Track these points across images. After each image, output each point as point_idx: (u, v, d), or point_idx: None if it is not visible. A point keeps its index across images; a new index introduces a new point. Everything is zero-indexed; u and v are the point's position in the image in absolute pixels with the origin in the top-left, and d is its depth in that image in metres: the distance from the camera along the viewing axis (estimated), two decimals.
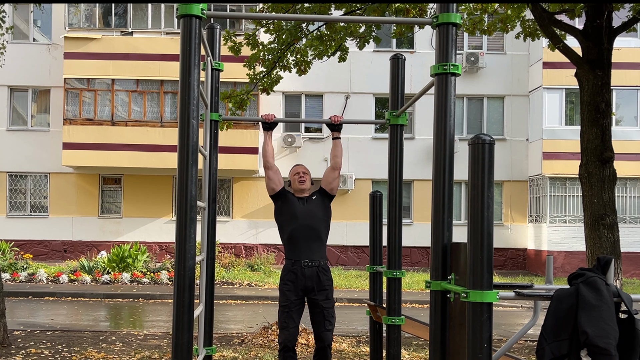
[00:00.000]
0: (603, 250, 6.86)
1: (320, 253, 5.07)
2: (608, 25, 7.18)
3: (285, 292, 5.02)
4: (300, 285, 4.99)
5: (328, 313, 5.03)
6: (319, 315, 5.03)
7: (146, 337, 8.74)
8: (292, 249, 5.06)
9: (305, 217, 5.04)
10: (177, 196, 3.10)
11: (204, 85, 4.18)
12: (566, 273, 16.12)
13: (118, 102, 18.54)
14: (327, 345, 5.03)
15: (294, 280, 5.00)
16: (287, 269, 5.06)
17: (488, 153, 2.60)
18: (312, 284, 4.99)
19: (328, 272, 5.11)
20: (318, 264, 5.03)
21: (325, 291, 5.04)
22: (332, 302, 5.10)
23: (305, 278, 4.98)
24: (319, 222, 5.08)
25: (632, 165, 18.17)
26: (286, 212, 5.12)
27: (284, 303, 5.01)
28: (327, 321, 5.02)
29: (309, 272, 4.99)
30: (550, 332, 2.75)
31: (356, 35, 8.91)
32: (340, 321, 10.77)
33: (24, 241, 19.22)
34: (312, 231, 5.04)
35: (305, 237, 5.02)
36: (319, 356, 5.08)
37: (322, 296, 5.02)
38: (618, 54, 12.13)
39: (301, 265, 4.99)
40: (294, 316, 4.99)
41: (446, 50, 3.15)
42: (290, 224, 5.06)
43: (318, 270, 5.02)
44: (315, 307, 5.04)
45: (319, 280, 5.01)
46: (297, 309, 5.02)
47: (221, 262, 17.51)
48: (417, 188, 19.51)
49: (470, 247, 2.60)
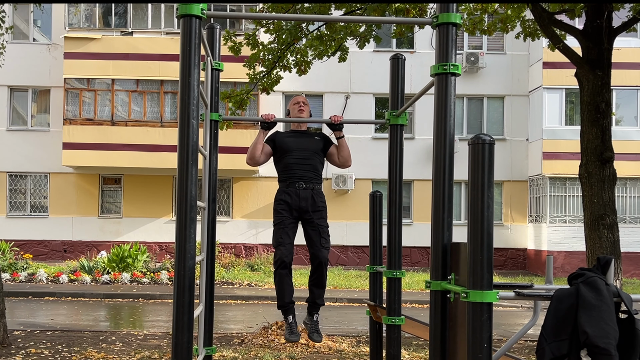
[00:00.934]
0: (603, 250, 6.86)
1: (316, 179, 5.06)
2: (608, 25, 7.18)
3: (280, 211, 4.99)
4: (294, 205, 4.97)
5: (324, 231, 5.01)
6: (314, 233, 4.99)
7: (146, 337, 8.74)
8: (287, 174, 5.04)
9: (300, 149, 5.05)
10: (177, 196, 3.10)
11: (204, 85, 4.18)
12: (566, 273, 16.12)
13: (118, 102, 18.55)
14: (323, 262, 4.98)
15: (288, 200, 4.98)
16: (282, 190, 5.04)
17: (488, 153, 2.60)
18: (306, 205, 4.98)
19: (322, 196, 5.09)
20: (312, 187, 5.02)
21: (320, 211, 5.03)
22: (327, 223, 5.08)
23: (300, 199, 4.97)
24: (313, 156, 5.07)
25: (632, 165, 18.18)
26: (281, 148, 5.10)
27: (278, 221, 4.98)
28: (323, 238, 4.99)
29: (303, 193, 4.98)
30: (550, 332, 2.75)
31: (356, 35, 8.91)
32: (340, 321, 10.78)
33: (24, 241, 19.22)
34: (308, 162, 5.04)
35: (300, 165, 5.02)
36: (315, 275, 5.04)
37: (317, 215, 5.01)
38: (618, 54, 12.13)
39: (296, 186, 4.98)
40: (289, 232, 4.95)
41: (446, 50, 3.15)
42: (286, 157, 5.06)
43: (313, 192, 5.01)
44: (311, 226, 5.01)
45: (314, 201, 5.00)
46: (291, 226, 4.99)
47: (221, 262, 17.52)
48: (417, 188, 19.51)
49: (470, 247, 2.60)
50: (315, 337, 5.09)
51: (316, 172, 5.08)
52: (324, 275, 5.02)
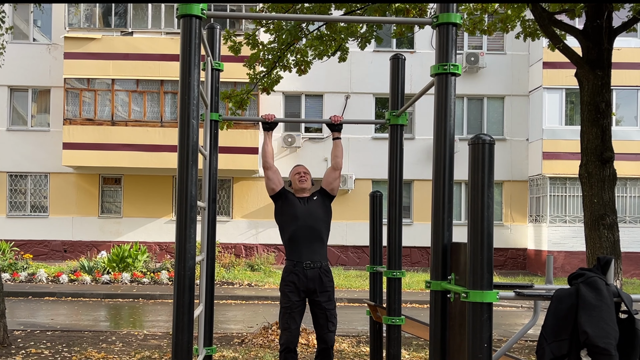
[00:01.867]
0: (603, 250, 6.86)
1: (322, 254, 5.06)
2: (608, 25, 7.18)
3: (287, 294, 5.00)
4: (302, 287, 4.98)
5: (331, 314, 5.02)
6: (321, 317, 5.02)
7: (146, 337, 8.74)
8: (294, 250, 5.03)
9: (306, 218, 5.02)
10: (177, 196, 3.10)
11: (204, 85, 4.18)
12: (566, 273, 16.12)
13: (118, 102, 18.55)
14: (330, 346, 5.03)
15: (296, 281, 4.98)
16: (289, 270, 5.03)
17: (488, 153, 2.60)
18: (314, 286, 4.98)
19: (329, 274, 5.10)
20: (320, 265, 5.01)
21: (328, 292, 5.03)
22: (334, 303, 5.09)
23: (307, 280, 4.97)
24: (320, 223, 5.07)
25: (632, 165, 18.17)
26: (287, 213, 5.09)
27: (285, 304, 5.00)
28: (330, 322, 5.01)
29: (310, 273, 4.98)
30: (550, 332, 2.75)
31: (357, 36, 8.91)
32: (340, 321, 10.73)
33: (24, 241, 19.22)
34: (314, 232, 5.03)
35: (307, 237, 5.00)
36: (321, 357, 5.08)
37: (324, 298, 5.01)
38: (618, 54, 12.13)
39: (303, 266, 4.97)
40: (295, 317, 4.98)
41: (446, 50, 3.15)
42: (291, 225, 5.04)
43: (320, 271, 5.01)
44: (318, 309, 5.02)
45: (321, 282, 5.00)
46: (298, 310, 5.01)
47: (221, 262, 17.51)
48: (417, 188, 19.51)
49: (470, 247, 2.60)
50: None
51: (322, 244, 5.08)
52: (330, 356, 5.07)
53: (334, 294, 5.11)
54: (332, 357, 5.10)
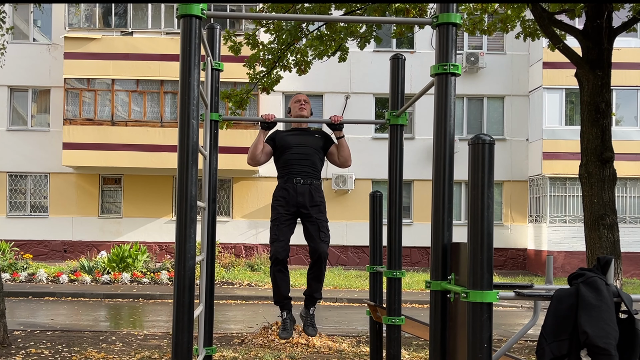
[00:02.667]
0: (603, 250, 6.86)
1: (314, 175, 5.03)
2: (608, 25, 7.18)
3: (277, 207, 4.96)
4: (292, 201, 4.94)
5: (322, 225, 4.96)
6: (313, 228, 4.95)
7: (146, 337, 8.74)
8: (286, 171, 5.02)
9: (300, 146, 5.02)
10: (177, 196, 3.10)
11: (204, 85, 4.18)
12: (566, 273, 16.13)
13: (118, 102, 18.55)
14: (322, 256, 4.93)
15: (286, 196, 4.95)
16: (279, 186, 5.02)
17: (488, 153, 2.60)
18: (304, 200, 4.94)
19: (320, 191, 5.06)
20: (310, 182, 4.98)
21: (318, 206, 4.99)
22: (325, 216, 5.04)
23: (297, 194, 4.93)
24: (313, 154, 5.04)
25: (632, 165, 18.17)
26: (281, 146, 5.07)
27: (274, 217, 4.95)
28: (322, 232, 4.94)
29: (301, 189, 4.95)
30: (550, 332, 2.75)
31: (357, 35, 8.91)
32: (340, 321, 10.77)
33: (24, 241, 19.22)
34: (307, 158, 5.01)
35: (299, 160, 4.99)
36: (314, 268, 5.01)
37: (315, 210, 4.96)
38: (618, 54, 12.13)
39: (294, 182, 4.95)
40: (284, 229, 4.91)
41: (446, 50, 3.15)
42: (285, 152, 5.03)
43: (310, 187, 4.98)
44: (309, 221, 4.96)
45: (312, 196, 4.97)
46: (288, 223, 4.94)
47: (221, 262, 17.52)
48: (417, 188, 19.51)
49: (470, 247, 2.60)
50: (310, 330, 5.06)
51: (315, 168, 5.05)
52: (322, 269, 5.00)
53: (325, 208, 5.06)
54: (324, 268, 5.02)
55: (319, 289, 5.08)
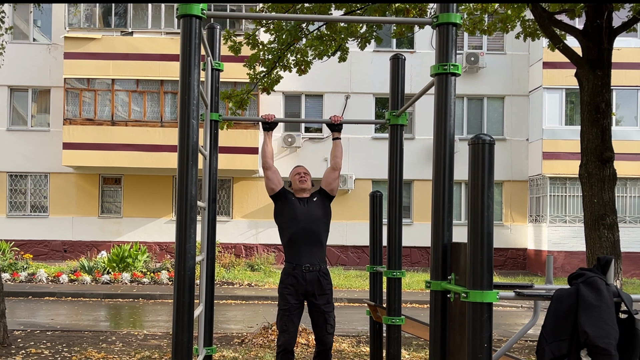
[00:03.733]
0: (603, 250, 6.86)
1: (321, 257, 5.08)
2: (608, 25, 7.18)
3: (286, 296, 5.01)
4: (301, 290, 4.99)
5: (329, 317, 5.04)
6: (320, 320, 5.04)
7: (146, 337, 8.74)
8: (293, 253, 5.04)
9: (305, 220, 5.02)
10: (177, 196, 3.10)
11: (204, 85, 4.18)
12: (566, 273, 16.12)
13: (118, 102, 18.54)
14: (328, 348, 5.06)
15: (295, 284, 4.99)
16: (288, 272, 5.04)
17: (488, 153, 2.60)
18: (312, 289, 4.99)
19: (328, 276, 5.12)
20: (319, 268, 5.02)
21: (326, 295, 5.05)
22: (332, 305, 5.11)
23: (306, 283, 4.98)
24: (319, 225, 5.07)
25: (632, 165, 18.17)
26: (286, 214, 5.09)
27: (284, 306, 5.01)
28: (329, 325, 5.03)
29: (309, 276, 4.98)
30: (550, 332, 2.75)
31: (357, 36, 8.91)
32: (340, 321, 10.77)
33: (24, 241, 19.22)
34: (313, 234, 5.03)
35: (306, 240, 5.01)
36: (319, 358, 5.10)
37: (323, 300, 5.03)
38: (618, 54, 12.12)
39: (302, 269, 4.98)
40: (294, 319, 5.00)
41: (446, 50, 3.15)
42: (291, 227, 5.04)
43: (319, 274, 5.01)
44: (317, 311, 5.04)
45: (320, 285, 5.01)
46: (297, 312, 5.03)
47: (221, 262, 17.51)
48: (417, 188, 19.51)
49: (470, 247, 2.60)
50: None
51: (321, 246, 5.09)
52: (329, 357, 5.10)
53: (332, 296, 5.13)
54: (330, 358, 5.12)
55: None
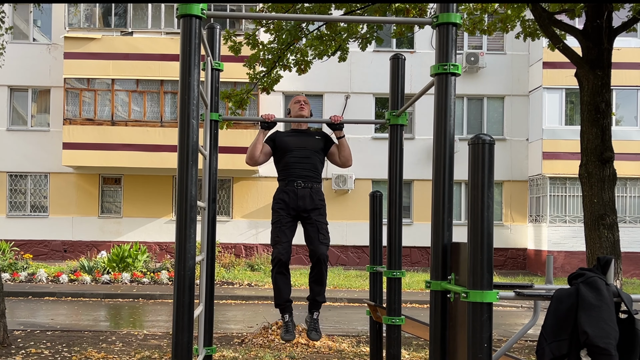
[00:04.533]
0: (603, 250, 6.86)
1: (314, 178, 5.05)
2: (608, 25, 7.18)
3: (278, 210, 4.99)
4: (292, 204, 4.97)
5: (322, 227, 4.99)
6: (312, 230, 4.98)
7: (146, 337, 8.74)
8: (286, 173, 5.04)
9: (300, 149, 5.04)
10: (177, 196, 3.10)
11: (204, 85, 4.18)
12: (566, 273, 16.12)
13: (118, 102, 18.55)
14: (322, 258, 4.94)
15: (286, 199, 4.98)
16: (280, 189, 5.04)
17: (488, 153, 2.60)
18: (304, 204, 4.97)
19: (321, 194, 5.08)
20: (311, 185, 5.01)
21: (319, 209, 5.02)
22: (325, 219, 5.06)
23: (298, 197, 4.96)
24: (313, 154, 5.06)
25: (632, 165, 18.17)
26: (281, 147, 5.09)
27: (275, 219, 4.98)
28: (321, 234, 4.97)
29: (301, 192, 4.97)
30: (550, 332, 2.75)
31: (358, 36, 8.91)
32: (340, 321, 10.77)
33: (24, 241, 19.22)
34: (308, 161, 5.03)
35: (300, 164, 5.01)
36: (315, 271, 5.01)
37: (315, 213, 4.99)
38: (618, 54, 12.13)
39: (294, 185, 4.98)
40: (285, 231, 4.94)
41: (446, 50, 3.15)
42: (285, 156, 5.05)
43: (311, 191, 5.00)
44: (309, 223, 4.99)
45: (312, 199, 4.99)
46: (289, 225, 4.98)
47: (221, 262, 17.52)
48: (417, 188, 19.51)
49: (470, 247, 2.60)
50: (313, 335, 5.05)
51: (315, 170, 5.07)
52: (323, 271, 4.99)
53: (325, 211, 5.08)
54: (325, 270, 5.02)
55: (321, 292, 5.07)
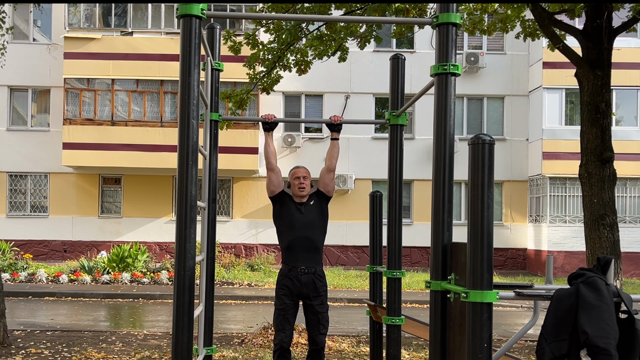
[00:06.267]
0: (603, 250, 6.86)
1: (317, 260, 5.20)
2: (608, 25, 7.18)
3: (282, 296, 5.14)
4: (296, 291, 5.12)
5: (323, 317, 5.16)
6: (314, 320, 5.17)
7: (146, 337, 8.74)
8: (290, 256, 5.17)
9: (303, 228, 5.14)
10: (177, 196, 3.10)
11: (204, 85, 4.18)
12: (566, 273, 16.12)
13: (118, 102, 18.54)
14: (320, 347, 5.18)
15: (290, 285, 5.12)
16: (284, 273, 5.18)
17: (488, 153, 2.60)
18: (307, 291, 5.12)
19: (323, 279, 5.22)
20: (314, 270, 5.15)
21: (321, 297, 5.17)
22: (327, 307, 5.23)
23: (301, 284, 5.11)
24: (316, 232, 5.19)
25: (632, 165, 18.17)
26: (285, 219, 5.20)
27: (280, 306, 5.15)
28: (322, 325, 5.15)
29: (305, 278, 5.11)
30: (550, 332, 2.75)
31: (357, 36, 8.91)
32: (340, 321, 10.77)
33: (24, 241, 19.22)
34: (310, 242, 5.15)
35: (303, 246, 5.14)
36: (312, 357, 5.21)
37: (317, 302, 5.15)
38: (618, 54, 12.12)
39: (298, 271, 5.11)
40: (289, 319, 5.13)
41: (446, 50, 3.15)
42: (289, 234, 5.16)
43: (314, 277, 5.14)
44: (311, 312, 5.17)
45: (315, 286, 5.13)
46: (292, 311, 5.16)
47: (221, 262, 17.51)
48: (417, 188, 19.50)
49: (470, 247, 2.60)
50: None
51: (318, 251, 5.19)
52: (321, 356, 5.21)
53: (326, 298, 5.24)
54: (322, 357, 5.23)
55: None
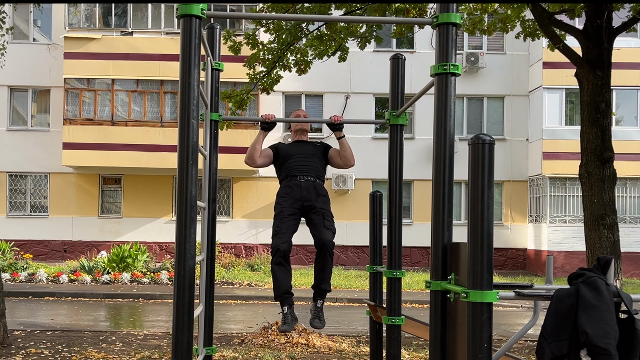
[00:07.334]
0: (603, 250, 6.86)
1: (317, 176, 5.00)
2: (608, 25, 7.18)
3: (280, 202, 4.92)
4: (296, 195, 4.90)
5: (326, 214, 4.90)
6: (317, 217, 4.89)
7: (146, 337, 8.74)
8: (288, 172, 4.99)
9: (301, 154, 5.02)
10: (177, 196, 3.10)
11: (204, 85, 4.18)
12: (566, 273, 16.12)
13: (118, 102, 18.54)
14: (327, 244, 4.81)
15: (290, 192, 4.92)
16: (283, 185, 4.99)
17: (488, 153, 2.60)
18: (308, 194, 4.90)
19: (324, 190, 5.02)
20: (314, 180, 4.97)
21: (323, 197, 4.96)
22: (330, 209, 4.96)
23: (302, 189, 4.90)
24: (314, 158, 5.04)
25: (632, 165, 18.17)
26: (284, 154, 5.07)
27: (277, 211, 4.91)
28: (326, 220, 4.88)
29: (305, 184, 4.92)
30: (550, 332, 2.75)
31: (357, 36, 8.91)
32: (340, 321, 10.77)
33: (24, 241, 19.22)
34: (309, 162, 5.00)
35: (302, 165, 4.98)
36: (319, 258, 4.90)
37: (319, 201, 4.92)
38: (618, 54, 12.13)
39: (297, 179, 4.94)
40: (287, 222, 4.85)
41: (446, 50, 3.15)
42: (287, 160, 5.02)
43: (315, 184, 4.96)
44: (314, 211, 4.90)
45: (316, 190, 4.94)
46: (291, 217, 4.88)
47: (221, 262, 17.51)
48: (417, 188, 19.50)
49: (470, 247, 2.60)
50: (316, 323, 4.88)
51: (317, 171, 5.04)
52: (328, 259, 4.87)
53: (329, 202, 5.00)
54: (331, 256, 4.89)
55: (326, 280, 4.95)
